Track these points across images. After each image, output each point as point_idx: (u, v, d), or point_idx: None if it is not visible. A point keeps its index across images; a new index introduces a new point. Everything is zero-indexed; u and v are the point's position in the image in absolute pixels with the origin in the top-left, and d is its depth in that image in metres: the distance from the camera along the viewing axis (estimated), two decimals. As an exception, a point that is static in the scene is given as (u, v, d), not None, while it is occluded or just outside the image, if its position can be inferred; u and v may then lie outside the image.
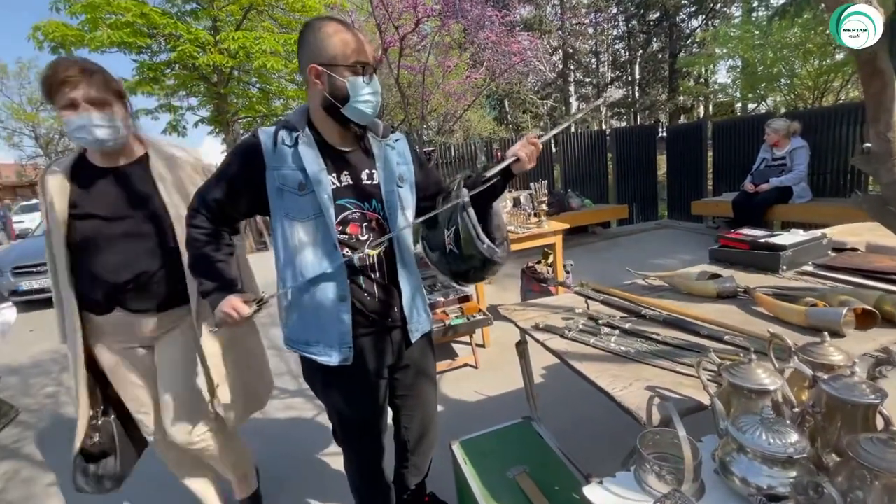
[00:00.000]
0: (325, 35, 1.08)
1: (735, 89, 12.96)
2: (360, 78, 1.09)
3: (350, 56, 1.08)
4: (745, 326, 1.26)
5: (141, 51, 6.56)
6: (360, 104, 1.11)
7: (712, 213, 5.36)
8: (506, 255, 1.29)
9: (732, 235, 1.95)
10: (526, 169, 1.24)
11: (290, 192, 1.12)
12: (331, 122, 1.15)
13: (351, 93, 1.09)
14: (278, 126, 1.14)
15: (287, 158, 1.11)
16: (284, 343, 1.25)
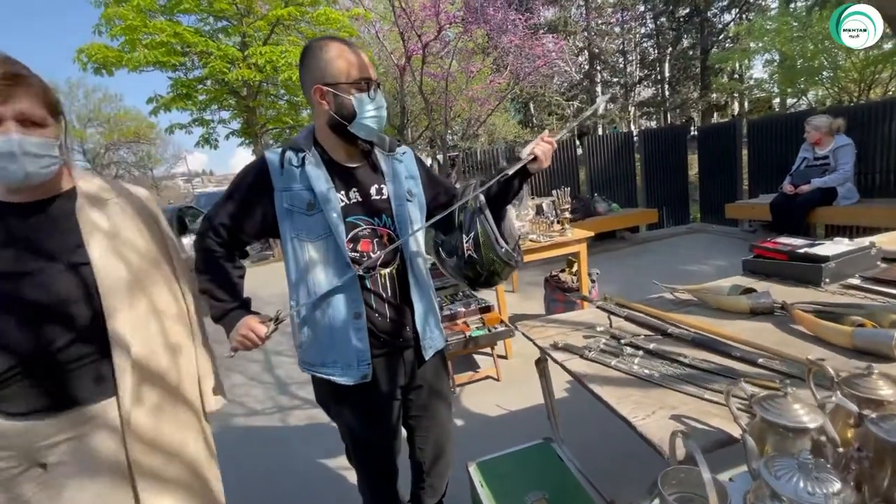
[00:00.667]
0: (326, 55, 1.08)
1: (772, 84, 12.40)
2: (366, 94, 1.09)
3: (353, 74, 1.08)
4: (782, 348, 1.16)
5: (175, 68, 6.86)
6: (367, 120, 1.11)
7: (748, 216, 5.10)
8: (521, 259, 1.28)
9: (768, 244, 1.83)
10: (543, 167, 1.20)
11: (300, 213, 1.11)
12: (337, 139, 1.15)
13: (357, 110, 1.09)
14: (285, 147, 1.14)
15: (295, 179, 1.11)
16: (300, 365, 1.25)
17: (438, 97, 10.40)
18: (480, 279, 1.28)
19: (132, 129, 23.80)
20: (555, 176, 6.05)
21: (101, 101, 23.25)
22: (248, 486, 2.14)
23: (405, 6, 7.53)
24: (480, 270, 1.24)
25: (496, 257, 1.20)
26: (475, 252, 1.22)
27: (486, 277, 1.26)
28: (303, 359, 1.24)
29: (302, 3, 6.75)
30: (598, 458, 1.90)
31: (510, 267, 1.24)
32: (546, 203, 3.27)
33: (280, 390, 3.03)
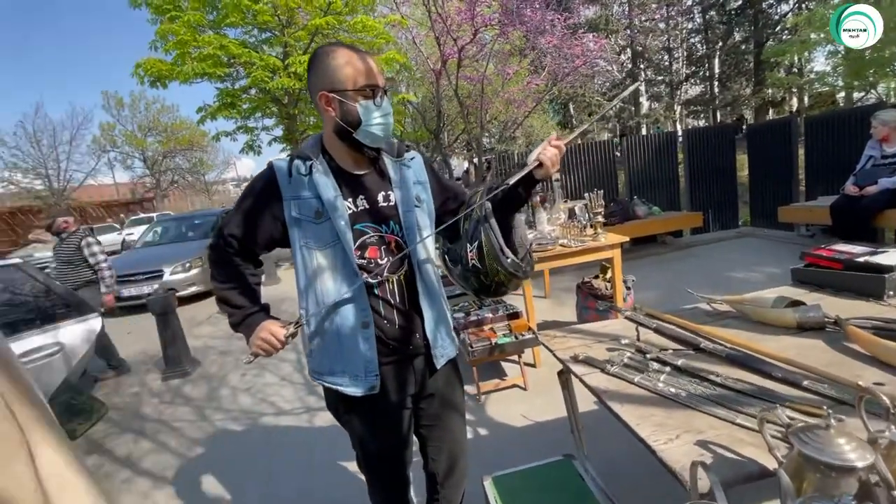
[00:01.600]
0: (333, 62, 1.07)
1: (836, 78, 11.48)
2: (371, 101, 1.07)
3: (359, 80, 1.07)
4: (832, 369, 1.04)
5: (222, 79, 7.21)
6: (373, 127, 1.09)
7: (805, 220, 4.72)
8: (530, 270, 1.20)
9: (822, 252, 1.66)
10: (550, 174, 1.13)
11: (308, 221, 1.11)
12: (344, 147, 1.14)
13: (363, 117, 1.08)
14: (292, 156, 1.14)
15: (303, 187, 1.11)
16: (310, 374, 1.25)
17: (474, 100, 10.37)
18: (486, 289, 1.22)
19: (186, 138, 25.34)
20: (592, 178, 5.86)
21: (159, 111, 24.92)
22: (271, 485, 2.17)
23: (441, 11, 7.56)
24: (485, 280, 1.18)
25: (500, 268, 1.13)
26: (479, 262, 1.16)
27: (493, 288, 1.20)
28: (312, 367, 1.23)
29: (340, 13, 6.91)
30: (623, 476, 1.79)
31: (516, 278, 1.17)
32: (578, 206, 3.15)
33: (309, 391, 3.08)
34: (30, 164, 19.58)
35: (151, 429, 2.89)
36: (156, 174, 25.73)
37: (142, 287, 6.22)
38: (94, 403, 3.17)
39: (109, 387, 3.77)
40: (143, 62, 6.47)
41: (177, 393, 3.38)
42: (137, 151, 24.91)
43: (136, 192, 27.24)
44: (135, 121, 24.50)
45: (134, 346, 4.75)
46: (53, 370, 2.49)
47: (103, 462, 2.59)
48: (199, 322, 5.25)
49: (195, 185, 29.71)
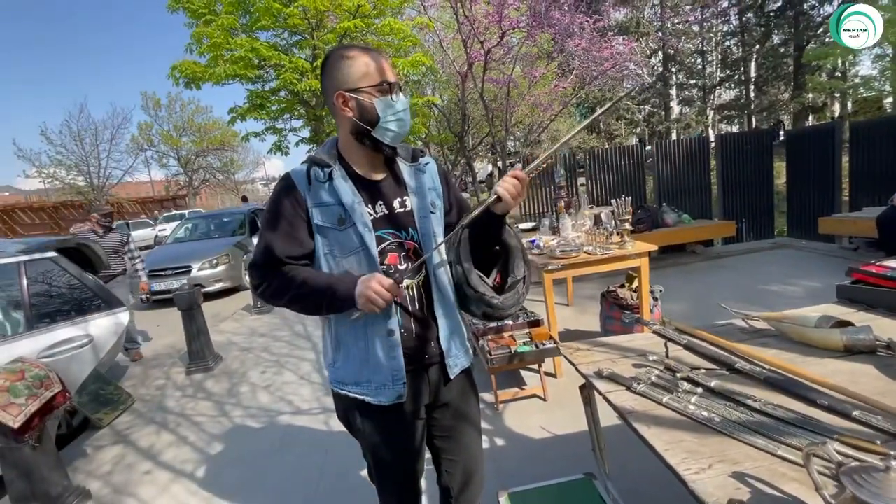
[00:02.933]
0: (347, 61, 1.06)
1: (883, 82, 10.93)
2: (389, 96, 1.06)
3: (375, 76, 1.05)
4: (885, 399, 0.95)
5: (253, 81, 7.39)
6: (391, 123, 1.07)
7: (848, 231, 4.47)
8: (511, 304, 1.16)
9: (871, 269, 1.54)
10: (509, 209, 1.09)
11: (331, 228, 1.09)
12: (361, 150, 1.12)
13: (381, 113, 1.06)
14: (308, 164, 1.12)
15: (323, 194, 1.09)
16: (331, 384, 1.21)
17: (500, 103, 10.30)
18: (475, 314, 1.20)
19: (218, 138, 26.13)
20: (619, 183, 5.71)
21: (194, 112, 25.79)
22: (286, 485, 2.17)
23: (468, 14, 7.54)
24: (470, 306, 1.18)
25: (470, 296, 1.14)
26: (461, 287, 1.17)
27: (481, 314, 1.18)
28: (335, 377, 1.19)
29: (368, 16, 6.99)
30: (646, 499, 1.71)
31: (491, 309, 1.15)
32: (605, 213, 3.06)
33: (326, 391, 3.09)
34: (73, 160, 20.55)
35: (173, 422, 2.95)
36: (189, 172, 26.62)
37: (171, 282, 6.42)
38: (121, 394, 3.27)
39: (137, 378, 3.88)
40: (179, 64, 6.69)
41: (199, 387, 3.44)
42: (172, 150, 25.83)
43: (170, 189, 28.27)
44: (171, 121, 25.43)
45: (163, 340, 4.90)
46: (84, 361, 2.56)
47: (126, 452, 2.65)
48: (224, 318, 5.37)
49: (225, 184, 30.60)
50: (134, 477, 2.40)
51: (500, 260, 1.23)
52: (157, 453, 2.60)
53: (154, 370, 4.01)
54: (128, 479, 2.39)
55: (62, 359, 2.43)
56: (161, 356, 4.43)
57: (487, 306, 1.16)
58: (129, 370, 4.09)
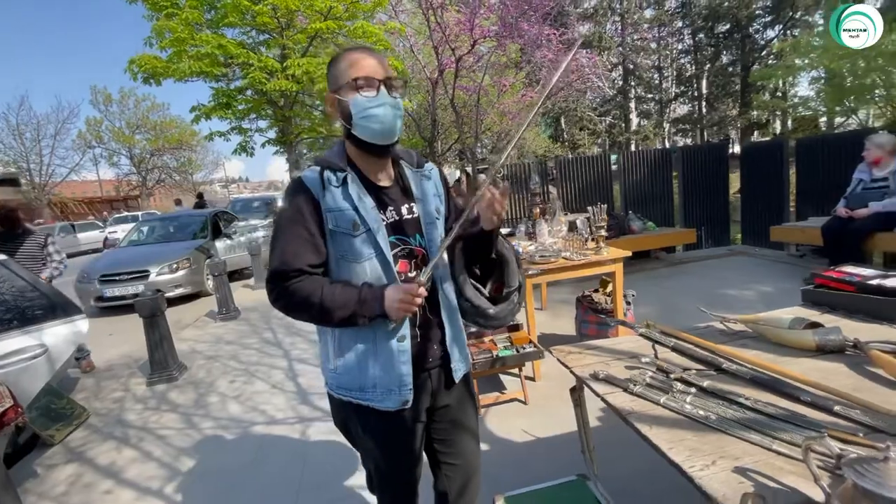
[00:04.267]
0: (334, 64, 1.08)
1: (819, 102, 11.86)
2: (359, 93, 1.04)
3: (349, 74, 1.04)
4: (856, 393, 1.02)
5: (218, 79, 7.12)
6: (364, 119, 1.05)
7: (796, 240, 4.81)
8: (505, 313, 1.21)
9: (832, 274, 1.67)
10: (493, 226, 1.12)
11: (344, 234, 1.06)
12: (362, 153, 1.11)
13: (353, 110, 1.05)
14: (321, 168, 1.09)
15: (338, 199, 1.06)
16: (332, 389, 1.17)
17: (469, 111, 10.43)
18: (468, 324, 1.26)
19: (176, 136, 24.98)
20: (587, 192, 5.90)
21: (149, 109, 24.54)
22: (264, 499, 2.09)
23: (440, 21, 7.60)
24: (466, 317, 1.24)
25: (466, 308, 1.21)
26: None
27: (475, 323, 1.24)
28: (337, 384, 1.15)
29: (340, 18, 6.91)
30: (633, 498, 1.76)
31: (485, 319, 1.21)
32: (580, 220, 3.15)
33: (301, 399, 3.00)
34: (11, 157, 19.05)
35: (135, 436, 2.77)
36: (142, 172, 25.26)
37: (126, 287, 6.04)
38: (75, 408, 3.04)
39: (89, 390, 3.62)
40: (138, 58, 6.36)
41: (163, 399, 3.25)
42: (124, 148, 24.46)
43: (121, 189, 26.70)
44: (123, 117, 24.10)
45: (117, 349, 4.60)
46: (37, 373, 2.36)
47: (83, 471, 2.46)
48: (186, 325, 5.11)
49: (182, 185, 29.24)
50: (93, 497, 2.23)
51: (495, 270, 1.24)
52: (118, 471, 2.43)
53: (109, 382, 3.75)
54: (86, 500, 2.22)
55: (13, 371, 2.24)
56: (116, 366, 4.16)
57: (482, 317, 1.20)
58: (80, 382, 3.81)
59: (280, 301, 1.06)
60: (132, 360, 4.22)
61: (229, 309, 5.19)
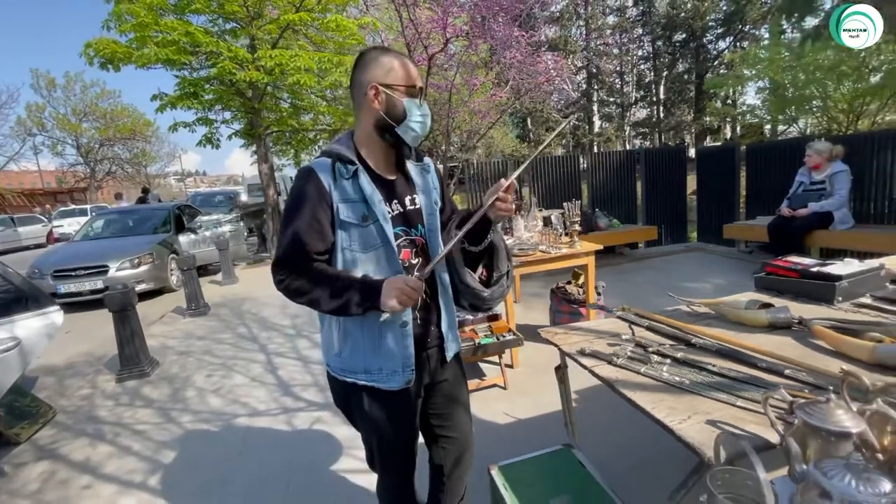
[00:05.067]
0: (386, 59, 1.14)
1: (764, 111, 12.75)
2: (416, 100, 1.14)
3: (408, 78, 1.14)
4: (803, 360, 1.21)
5: (182, 67, 6.86)
6: (414, 124, 1.14)
7: (746, 237, 5.21)
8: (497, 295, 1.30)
9: (780, 263, 1.89)
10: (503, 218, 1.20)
11: (354, 225, 1.12)
12: (379, 147, 1.18)
13: (407, 113, 1.13)
14: (332, 159, 1.14)
15: (348, 191, 1.12)
16: (336, 374, 1.23)
17: (440, 108, 10.52)
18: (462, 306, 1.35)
19: (128, 126, 23.61)
20: (556, 190, 6.14)
21: (98, 96, 23.07)
22: (255, 487, 2.11)
23: (413, 18, 7.65)
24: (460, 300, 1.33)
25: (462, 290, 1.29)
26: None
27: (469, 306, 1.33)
28: (340, 367, 1.22)
29: (312, 10, 6.82)
30: (609, 468, 1.92)
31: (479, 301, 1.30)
32: (555, 215, 3.32)
33: (283, 391, 3.01)
34: (-62, 143, 17.46)
35: (110, 432, 2.70)
36: (90, 163, 23.72)
37: (83, 283, 5.76)
38: (40, 406, 2.93)
39: (51, 388, 3.47)
40: (95, 42, 6.04)
41: (135, 395, 3.17)
42: (70, 137, 22.88)
43: (65, 181, 25.01)
44: (68, 104, 22.53)
45: (76, 347, 4.40)
46: (9, 367, 2.27)
47: (57, 468, 2.39)
48: (152, 321, 4.94)
49: (135, 178, 27.70)
50: (71, 493, 2.18)
51: (485, 256, 1.33)
52: (95, 466, 2.38)
53: (73, 380, 3.61)
54: (64, 496, 2.16)
55: (-19, 365, 2.15)
56: (78, 364, 3.99)
57: (477, 298, 1.29)
58: (39, 381, 3.64)
59: (283, 285, 1.12)
60: (94, 358, 4.06)
61: (199, 304, 5.05)
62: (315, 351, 3.66)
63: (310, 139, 9.66)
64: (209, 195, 13.32)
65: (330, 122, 8.90)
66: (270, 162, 8.50)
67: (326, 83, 7.36)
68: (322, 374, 3.18)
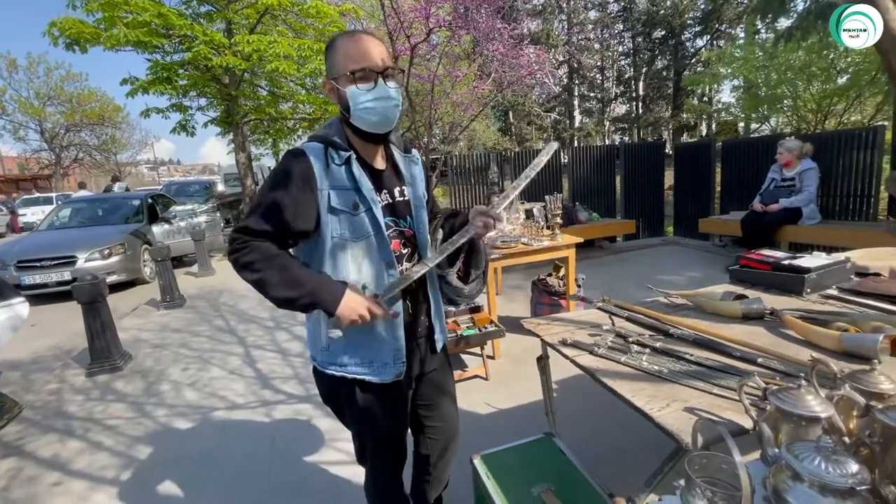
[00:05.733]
0: (333, 50, 1.10)
1: (738, 109, 13.09)
2: (355, 86, 1.07)
3: (347, 65, 1.07)
4: (774, 349, 1.25)
5: (154, 50, 6.60)
6: (361, 111, 1.09)
7: (720, 231, 5.36)
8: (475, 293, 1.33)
9: (753, 256, 1.95)
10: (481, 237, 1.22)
11: (346, 212, 1.10)
12: (360, 140, 1.15)
13: (350, 102, 1.08)
14: (324, 144, 1.11)
15: (340, 178, 1.09)
16: (323, 367, 1.20)
17: (422, 99, 10.43)
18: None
19: (96, 111, 22.63)
20: (540, 183, 6.18)
21: (63, 79, 22.01)
22: (236, 480, 2.08)
23: (395, 6, 7.53)
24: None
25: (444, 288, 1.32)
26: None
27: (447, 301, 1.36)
28: (328, 360, 1.20)
29: (291, -6, 6.64)
30: (589, 456, 1.96)
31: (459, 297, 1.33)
32: (537, 208, 3.34)
33: (262, 384, 2.96)
34: None
35: (80, 427, 2.62)
36: (55, 149, 22.67)
37: (49, 274, 5.53)
38: (5, 401, 2.81)
39: (16, 384, 3.34)
40: (60, 21, 5.74)
41: (107, 389, 3.07)
42: (33, 121, 21.79)
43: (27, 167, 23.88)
44: (31, 87, 21.43)
45: (41, 341, 4.23)
46: (-30, 362, 2.16)
47: (24, 465, 2.30)
48: (124, 314, 4.78)
49: (104, 165, 26.62)
50: (40, 490, 2.11)
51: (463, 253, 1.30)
52: (65, 462, 2.30)
53: (40, 374, 3.47)
54: (32, 493, 2.09)
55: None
56: (45, 358, 3.84)
57: (456, 295, 1.32)
58: (3, 375, 3.48)
59: (236, 255, 1.06)
60: (62, 352, 3.92)
61: (174, 296, 4.92)
62: (295, 343, 3.61)
63: (289, 128, 9.46)
64: (184, 184, 12.93)
65: (310, 111, 8.72)
66: (248, 151, 8.29)
67: (306, 71, 7.21)
68: (303, 367, 3.14)
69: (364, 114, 1.09)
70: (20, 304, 2.40)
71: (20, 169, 25.54)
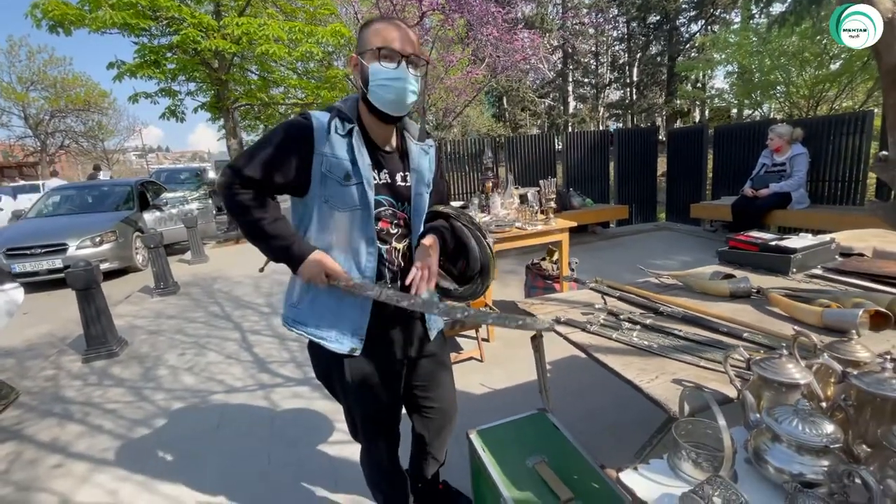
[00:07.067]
0: (367, 28, 1.14)
1: (732, 95, 13.11)
2: (379, 62, 1.10)
3: (375, 42, 1.10)
4: (760, 325, 1.30)
5: (141, 33, 6.45)
6: (378, 87, 1.11)
7: (712, 216, 5.43)
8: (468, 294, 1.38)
9: (742, 237, 1.99)
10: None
11: (334, 181, 1.12)
12: (373, 118, 1.17)
13: (370, 76, 1.11)
14: (332, 113, 1.14)
15: (337, 147, 1.12)
16: (285, 322, 1.25)
17: (416, 84, 10.33)
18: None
19: (81, 97, 22.09)
20: (533, 168, 6.20)
21: (46, 63, 21.39)
22: (236, 460, 2.12)
23: (388, -12, 7.41)
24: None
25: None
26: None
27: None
28: (294, 317, 1.24)
29: (282, -24, 6.51)
30: (581, 432, 2.03)
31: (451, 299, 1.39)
32: (531, 193, 3.36)
33: (260, 368, 3.00)
34: None
35: (79, 412, 2.64)
36: (40, 136, 22.16)
37: (40, 262, 5.49)
38: (1, 387, 2.82)
39: (11, 370, 3.34)
40: (43, 2, 5.59)
41: (104, 374, 3.09)
42: (16, 107, 21.25)
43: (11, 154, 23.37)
44: (13, 71, 20.81)
45: (35, 329, 4.22)
46: (-33, 346, 2.16)
47: (23, 449, 2.33)
48: (118, 301, 4.77)
49: (91, 152, 26.09)
50: (41, 472, 2.13)
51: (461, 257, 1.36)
52: (65, 445, 2.32)
53: (35, 361, 3.48)
54: (33, 475, 2.12)
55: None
56: (39, 345, 3.85)
57: (447, 296, 1.39)
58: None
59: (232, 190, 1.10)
60: (57, 339, 3.92)
61: (168, 283, 4.91)
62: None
63: (280, 113, 9.35)
64: (174, 172, 12.77)
65: (302, 96, 8.61)
66: (239, 137, 8.19)
67: (297, 54, 7.09)
68: (300, 351, 3.17)
69: (380, 90, 1.11)
70: (14, 289, 2.40)
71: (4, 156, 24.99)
